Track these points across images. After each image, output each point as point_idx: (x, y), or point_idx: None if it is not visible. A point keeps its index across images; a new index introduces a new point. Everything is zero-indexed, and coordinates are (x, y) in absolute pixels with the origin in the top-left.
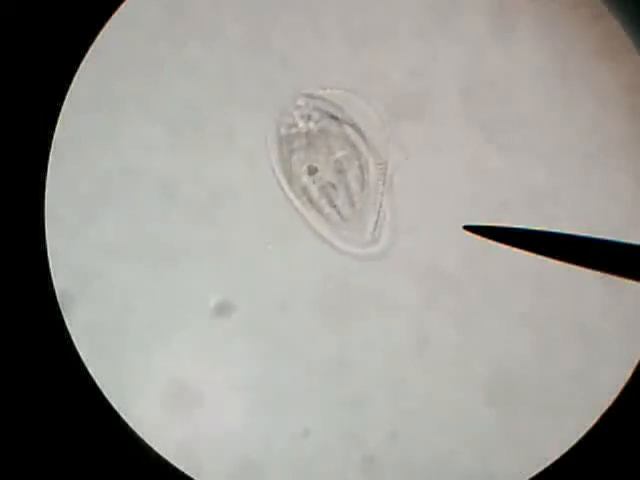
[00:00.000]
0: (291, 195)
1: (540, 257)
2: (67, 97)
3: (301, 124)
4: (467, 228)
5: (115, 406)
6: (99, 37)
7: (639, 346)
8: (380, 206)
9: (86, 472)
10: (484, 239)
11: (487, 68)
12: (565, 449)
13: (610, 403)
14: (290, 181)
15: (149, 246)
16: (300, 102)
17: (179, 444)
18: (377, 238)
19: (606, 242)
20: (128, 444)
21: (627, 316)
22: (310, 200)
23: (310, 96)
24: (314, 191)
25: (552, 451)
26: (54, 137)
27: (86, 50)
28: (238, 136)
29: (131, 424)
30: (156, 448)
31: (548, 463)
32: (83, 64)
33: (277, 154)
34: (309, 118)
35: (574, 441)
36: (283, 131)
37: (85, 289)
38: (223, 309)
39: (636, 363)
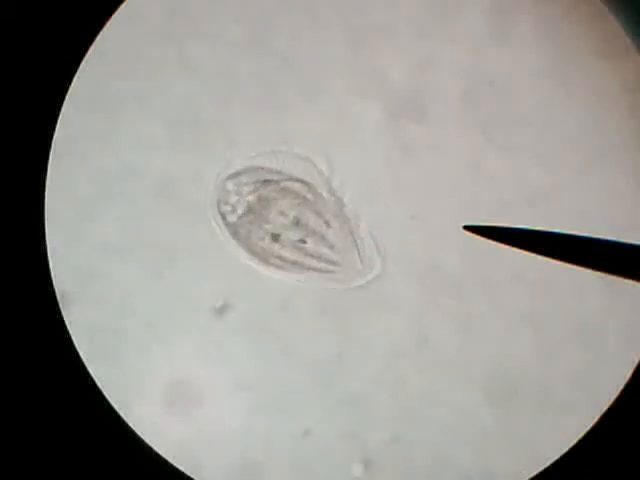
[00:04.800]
0: (272, 267)
1: (540, 257)
2: (67, 97)
3: (239, 204)
4: (467, 228)
5: (115, 406)
6: (99, 37)
7: (639, 346)
8: (357, 235)
9: (86, 472)
10: (484, 239)
11: (487, 68)
12: (565, 449)
13: (610, 403)
14: (263, 258)
15: (149, 246)
16: (229, 186)
17: (179, 444)
18: (370, 263)
19: (606, 242)
20: (128, 444)
21: (627, 316)
22: (292, 263)
23: (235, 175)
24: (290, 254)
25: (552, 451)
26: (54, 137)
27: (86, 50)
28: (238, 136)
29: (131, 424)
30: (156, 448)
31: (548, 463)
32: (83, 64)
33: (235, 240)
34: (242, 195)
35: (574, 441)
36: (229, 218)
37: (85, 289)
38: (223, 309)
39: (636, 363)
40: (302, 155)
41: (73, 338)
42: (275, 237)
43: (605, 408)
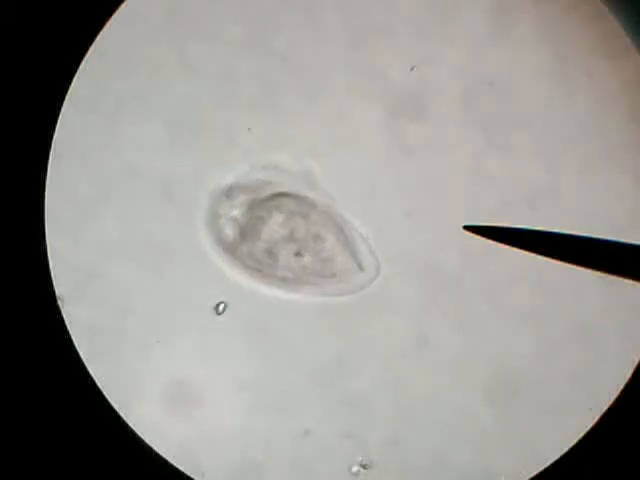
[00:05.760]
0: (272, 284)
1: (540, 257)
2: (67, 97)
3: (232, 225)
4: (467, 228)
5: (115, 406)
6: (99, 37)
7: (639, 346)
8: (353, 242)
9: (86, 472)
10: (484, 239)
11: (487, 68)
12: (565, 449)
13: (610, 403)
14: (262, 276)
15: (149, 246)
16: (221, 209)
17: (179, 444)
18: (370, 268)
19: (606, 242)
20: (128, 444)
21: (627, 316)
22: (292, 277)
23: (225, 196)
24: (289, 269)
25: (552, 451)
26: (54, 137)
27: (86, 50)
28: (238, 136)
29: (131, 424)
30: (156, 448)
31: (548, 463)
32: (83, 64)
33: (233, 261)
34: (235, 216)
35: (574, 441)
36: (224, 240)
37: (85, 289)
38: (223, 309)
39: (636, 363)
40: (292, 168)
41: (73, 338)
42: (272, 254)
43: (605, 408)
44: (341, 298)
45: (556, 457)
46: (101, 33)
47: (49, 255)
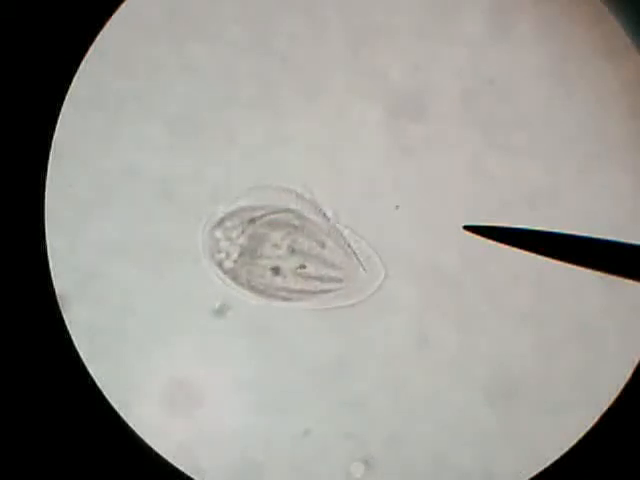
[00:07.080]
0: (280, 301)
1: (540, 257)
2: (67, 97)
3: (231, 249)
4: (467, 228)
5: (115, 406)
6: (99, 37)
7: (639, 346)
8: (354, 246)
9: (86, 472)
10: (484, 239)
11: (487, 68)
12: (565, 449)
13: (610, 403)
14: (269, 294)
15: (149, 246)
16: (217, 235)
17: (179, 444)
18: (371, 269)
19: (606, 242)
20: (128, 444)
21: (627, 316)
22: (298, 291)
23: (220, 222)
24: (294, 283)
25: (552, 451)
26: (54, 137)
27: (86, 50)
28: (238, 136)
29: (131, 424)
30: (156, 448)
31: (548, 463)
32: (83, 64)
33: (238, 284)
34: (232, 239)
35: (574, 441)
36: (226, 265)
37: (85, 289)
38: (223, 309)
39: (636, 363)
40: (280, 186)
41: (73, 338)
42: (275, 270)
43: (605, 408)
44: (344, 300)
45: (556, 457)
46: (101, 33)
47: (49, 255)
